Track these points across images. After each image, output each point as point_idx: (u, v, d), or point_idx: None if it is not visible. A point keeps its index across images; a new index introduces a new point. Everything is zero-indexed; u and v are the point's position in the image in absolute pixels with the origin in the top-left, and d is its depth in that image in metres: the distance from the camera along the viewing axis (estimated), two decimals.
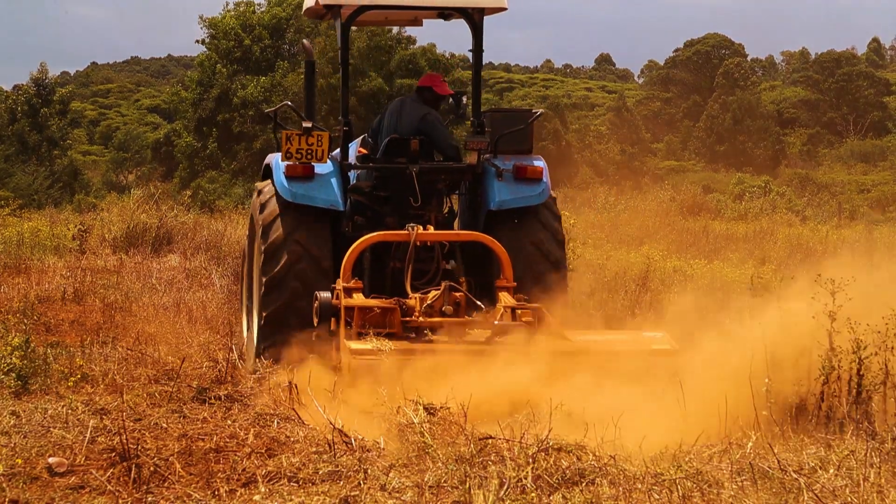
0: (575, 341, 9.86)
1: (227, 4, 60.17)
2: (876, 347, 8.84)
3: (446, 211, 11.77)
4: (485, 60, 11.90)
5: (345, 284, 10.12)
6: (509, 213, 11.08)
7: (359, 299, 9.99)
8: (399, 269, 10.64)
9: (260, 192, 11.25)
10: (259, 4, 59.87)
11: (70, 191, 58.01)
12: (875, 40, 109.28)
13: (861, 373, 8.75)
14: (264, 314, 10.76)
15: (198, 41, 60.75)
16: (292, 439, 8.13)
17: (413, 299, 10.09)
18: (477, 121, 11.53)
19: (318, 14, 11.78)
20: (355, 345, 9.53)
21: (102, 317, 14.94)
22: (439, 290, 10.06)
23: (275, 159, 11.10)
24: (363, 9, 11.31)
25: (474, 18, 11.50)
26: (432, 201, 11.36)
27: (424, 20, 13.01)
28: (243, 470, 7.35)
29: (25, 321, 12.90)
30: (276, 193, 10.94)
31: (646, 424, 8.18)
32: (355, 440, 7.93)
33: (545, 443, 7.69)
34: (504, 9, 11.45)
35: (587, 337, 10.25)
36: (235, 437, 8.14)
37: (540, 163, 11.30)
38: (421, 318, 9.95)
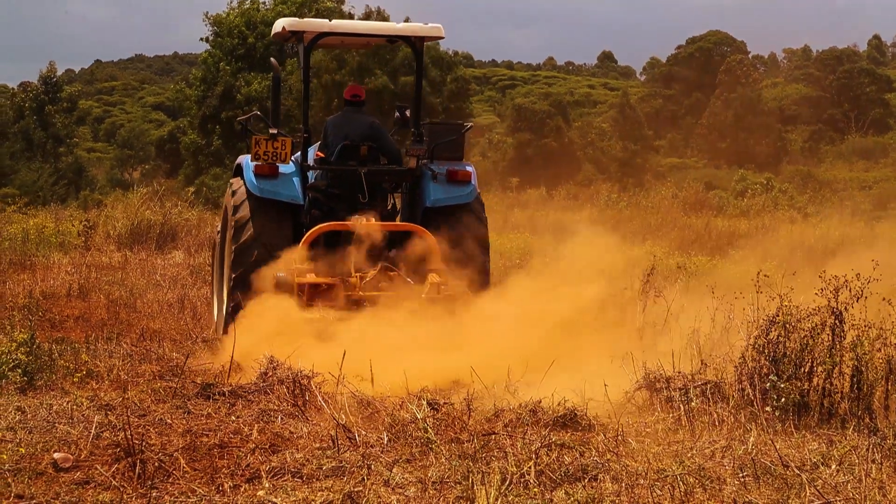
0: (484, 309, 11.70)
1: (231, 2, 60.17)
2: (879, 343, 8.87)
3: (389, 207, 13.44)
4: (488, 58, 13.15)
5: (298, 266, 11.87)
6: (443, 210, 12.79)
7: (310, 277, 11.83)
8: (347, 253, 12.28)
9: (233, 189, 12.90)
10: (263, 3, 59.82)
11: (75, 188, 58.07)
12: (876, 37, 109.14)
13: (862, 369, 8.77)
14: (233, 268, 12.34)
15: (202, 39, 60.79)
16: (296, 435, 8.16)
17: (355, 278, 11.94)
18: (417, 131, 13.19)
19: (284, 37, 13.34)
20: (306, 314, 11.55)
21: (107, 313, 14.98)
22: (377, 270, 11.97)
23: (245, 160, 12.80)
24: (322, 35, 13.06)
25: (416, 45, 13.43)
26: (378, 198, 13.09)
27: (375, 44, 15.21)
28: (247, 465, 7.38)
29: (31, 317, 12.92)
30: (246, 189, 12.56)
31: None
32: (359, 436, 7.96)
33: (548, 439, 7.73)
34: (441, 37, 13.38)
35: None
36: (239, 433, 8.17)
37: (470, 168, 13.05)
38: (360, 293, 11.79)
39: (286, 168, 12.64)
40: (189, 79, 63.94)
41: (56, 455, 7.45)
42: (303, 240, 12.15)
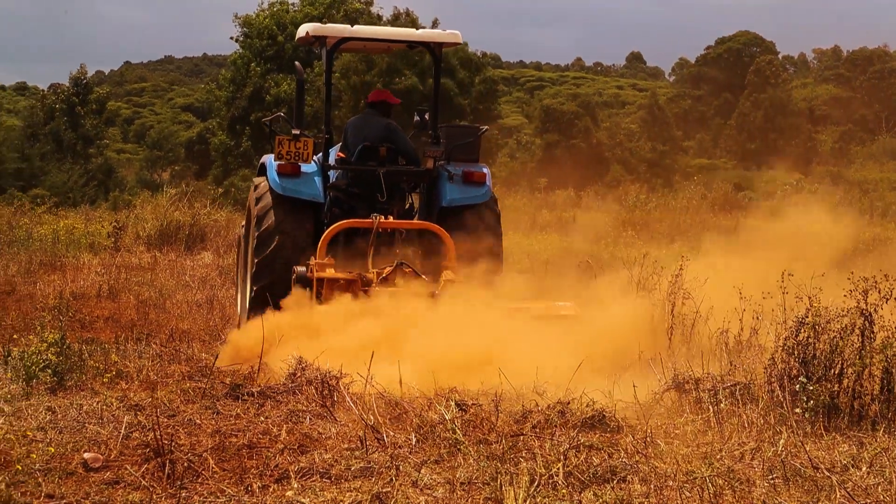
0: (500, 306, 11.84)
1: (262, 3, 60.41)
2: None
3: (407, 206, 13.77)
4: (516, 59, 13.31)
5: (318, 261, 12.16)
6: (458, 209, 13.21)
7: (328, 272, 12.07)
8: (366, 250, 12.73)
9: (256, 187, 13.36)
10: (292, 4, 60.03)
11: (105, 189, 58.33)
12: None
13: (892, 370, 8.71)
14: (256, 260, 12.72)
15: (232, 38, 61.07)
16: (324, 436, 8.17)
17: (371, 273, 12.20)
18: (434, 133, 13.67)
19: (308, 42, 13.75)
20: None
21: (137, 314, 15.04)
22: (393, 266, 12.23)
23: (269, 159, 13.25)
24: (344, 40, 13.55)
25: (434, 51, 13.83)
26: (395, 197, 13.46)
27: (396, 49, 15.66)
28: (276, 466, 7.40)
29: (61, 318, 13.00)
30: (269, 187, 12.98)
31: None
32: (387, 437, 7.97)
33: (576, 440, 7.72)
34: (459, 44, 13.93)
35: (511, 304, 12.18)
36: (268, 434, 8.19)
37: (485, 169, 13.49)
38: (377, 289, 11.98)
39: (308, 168, 13.05)
40: (219, 80, 64.20)
41: (86, 455, 7.48)
42: (322, 236, 12.50)
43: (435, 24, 59.04)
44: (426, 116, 13.67)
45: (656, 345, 10.90)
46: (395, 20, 58.15)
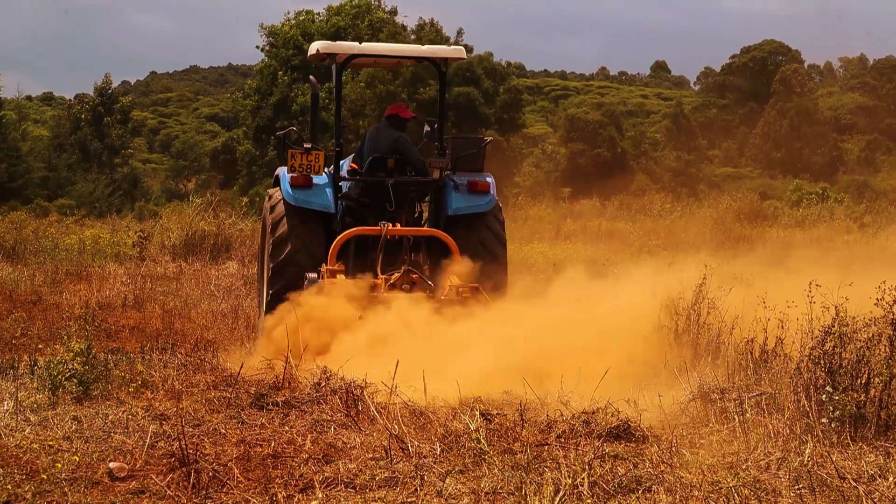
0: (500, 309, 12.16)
1: (287, 13, 60.63)
2: None
3: (416, 215, 14.33)
4: (540, 68, 13.59)
5: (329, 267, 12.69)
6: (464, 217, 13.65)
7: (339, 278, 12.54)
8: (375, 257, 13.20)
9: (270, 197, 13.97)
10: (318, 14, 60.24)
11: (130, 198, 58.56)
12: None
13: None
14: (271, 266, 13.25)
15: (258, 47, 61.36)
16: (349, 445, 8.17)
17: (380, 279, 12.66)
18: (440, 145, 14.10)
19: (320, 58, 14.36)
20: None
21: (162, 323, 15.08)
22: (400, 272, 12.71)
23: (282, 171, 13.81)
24: (353, 56, 14.13)
25: (440, 66, 14.37)
26: (404, 206, 13.93)
27: (406, 64, 16.42)
28: (301, 476, 7.40)
29: (87, 327, 13.02)
30: (283, 198, 13.51)
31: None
32: (412, 446, 7.97)
33: (601, 450, 7.70)
34: (463, 59, 14.54)
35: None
36: (293, 443, 8.20)
37: (489, 179, 13.91)
38: (385, 293, 12.35)
39: (320, 179, 13.55)
40: (244, 89, 64.45)
41: (112, 464, 7.51)
42: (334, 243, 12.99)
43: (460, 34, 59.20)
44: (436, 126, 14.08)
45: (681, 353, 10.87)
46: (420, 30, 58.23)
